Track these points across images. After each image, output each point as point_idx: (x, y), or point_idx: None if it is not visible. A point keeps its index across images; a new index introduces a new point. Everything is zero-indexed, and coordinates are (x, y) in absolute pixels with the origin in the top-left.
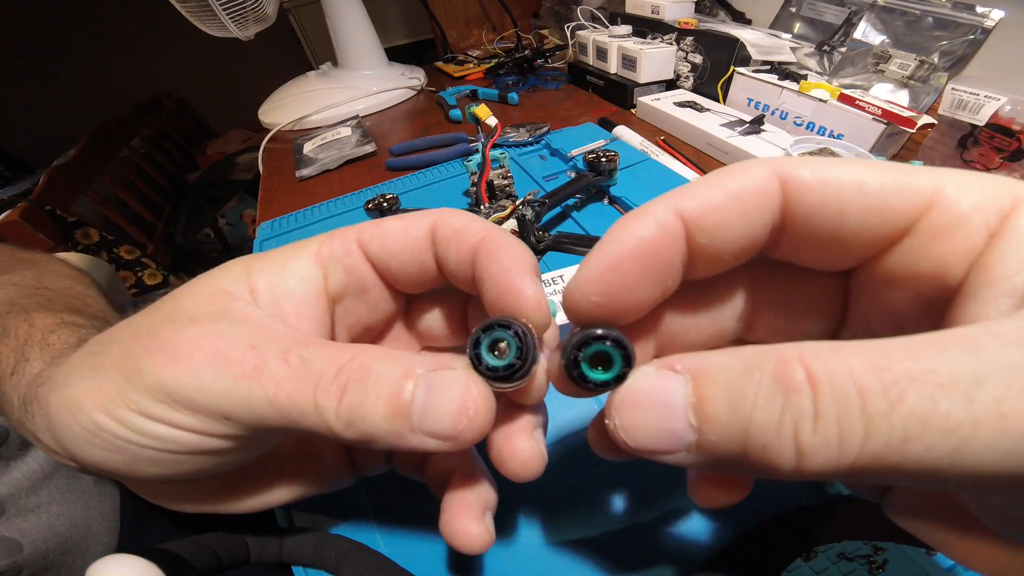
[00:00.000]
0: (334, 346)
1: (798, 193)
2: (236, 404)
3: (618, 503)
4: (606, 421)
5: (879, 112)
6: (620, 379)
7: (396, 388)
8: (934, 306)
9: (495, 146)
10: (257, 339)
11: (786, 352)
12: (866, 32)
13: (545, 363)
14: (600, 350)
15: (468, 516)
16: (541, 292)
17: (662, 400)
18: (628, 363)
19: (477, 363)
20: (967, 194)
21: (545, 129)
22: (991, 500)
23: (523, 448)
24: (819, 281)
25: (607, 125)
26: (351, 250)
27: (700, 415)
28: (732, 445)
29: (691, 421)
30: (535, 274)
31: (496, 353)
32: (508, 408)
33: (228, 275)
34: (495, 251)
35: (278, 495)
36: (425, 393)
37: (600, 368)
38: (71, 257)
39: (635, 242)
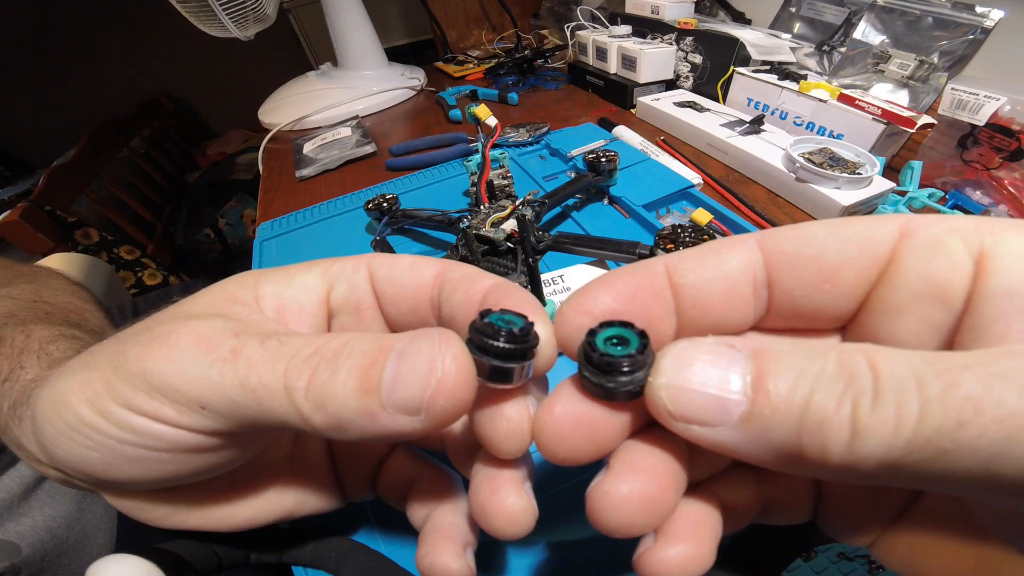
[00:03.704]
0: (317, 334)
1: (776, 244)
2: (210, 389)
3: None
4: (649, 379)
5: (879, 112)
6: (641, 353)
7: (367, 362)
8: (945, 332)
9: (495, 146)
10: (243, 330)
11: (847, 346)
12: (866, 32)
13: (533, 406)
14: (614, 333)
15: (448, 551)
16: (554, 336)
17: (719, 365)
18: (645, 337)
19: (480, 319)
20: (930, 224)
21: (545, 129)
22: None
23: (511, 503)
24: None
25: (607, 125)
26: (359, 268)
27: (758, 387)
28: (786, 421)
29: (746, 392)
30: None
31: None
32: (491, 461)
33: (237, 282)
34: (510, 292)
35: (263, 513)
36: (396, 362)
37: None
38: (70, 258)
39: (624, 269)
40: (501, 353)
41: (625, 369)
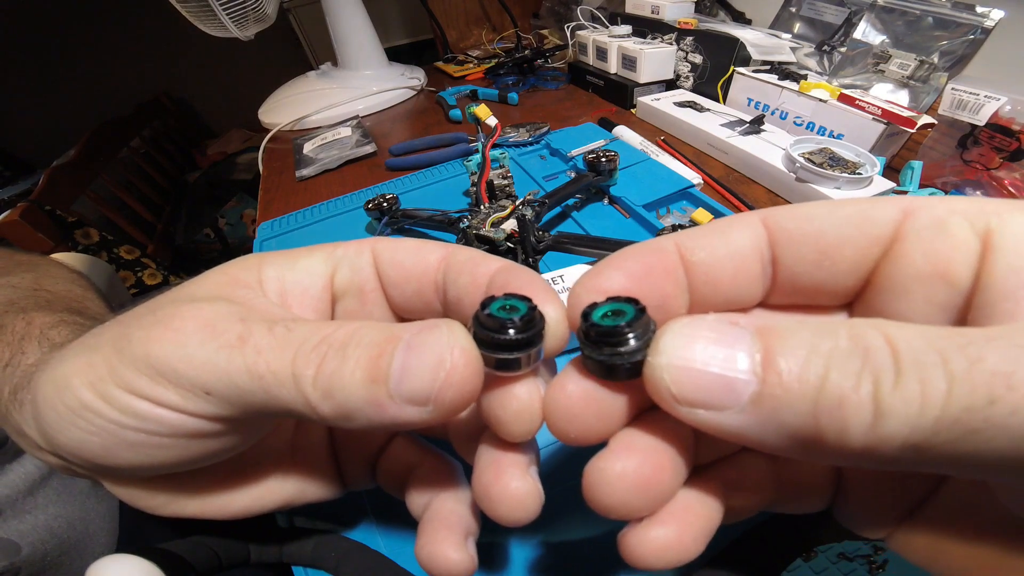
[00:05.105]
0: (324, 321)
1: (778, 223)
2: (216, 375)
3: None
4: (649, 359)
5: (879, 112)
6: (635, 324)
7: (376, 352)
8: (951, 312)
9: (495, 146)
10: (249, 315)
11: (858, 321)
12: (866, 32)
13: (542, 387)
14: (612, 307)
15: (448, 541)
16: (564, 315)
17: (723, 342)
18: (641, 308)
19: (481, 311)
20: (933, 205)
21: (545, 129)
22: None
23: (516, 487)
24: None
25: (607, 125)
26: (363, 251)
27: (768, 365)
28: (800, 401)
29: (755, 371)
30: (560, 301)
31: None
32: (496, 444)
33: (240, 265)
34: (516, 273)
35: (263, 501)
36: (405, 354)
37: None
38: (71, 257)
39: (635, 248)
40: (506, 345)
41: (627, 340)
